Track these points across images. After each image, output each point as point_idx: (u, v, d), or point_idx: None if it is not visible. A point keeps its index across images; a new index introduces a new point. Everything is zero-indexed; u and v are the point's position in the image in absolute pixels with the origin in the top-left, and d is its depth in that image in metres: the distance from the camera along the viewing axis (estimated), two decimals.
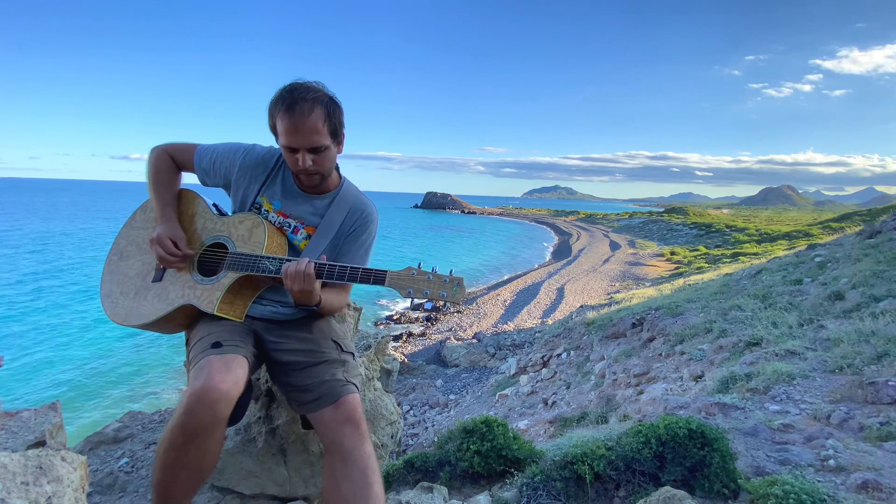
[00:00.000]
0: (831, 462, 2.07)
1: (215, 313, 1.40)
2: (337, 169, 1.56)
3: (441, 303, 1.33)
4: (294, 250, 1.53)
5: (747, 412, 2.79)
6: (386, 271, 1.31)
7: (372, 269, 1.32)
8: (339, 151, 1.48)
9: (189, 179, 1.65)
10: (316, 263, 1.35)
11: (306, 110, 1.32)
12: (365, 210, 1.57)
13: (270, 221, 1.51)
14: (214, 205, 1.61)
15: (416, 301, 1.30)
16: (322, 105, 1.35)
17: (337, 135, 1.42)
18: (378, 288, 1.33)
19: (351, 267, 1.33)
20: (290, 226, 1.53)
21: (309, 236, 1.53)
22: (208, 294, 1.42)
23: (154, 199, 1.54)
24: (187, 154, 1.56)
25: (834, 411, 2.67)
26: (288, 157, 1.41)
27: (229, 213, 1.59)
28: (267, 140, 1.54)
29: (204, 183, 1.59)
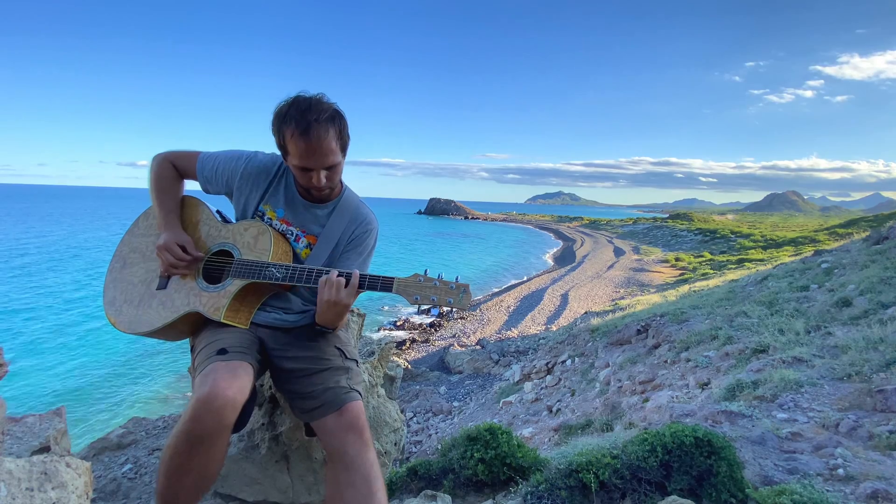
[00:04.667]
0: (840, 471, 2.04)
1: (222, 321, 1.40)
2: None
3: (447, 309, 1.33)
4: (297, 259, 1.53)
5: (754, 420, 2.76)
6: (393, 278, 1.32)
7: (379, 276, 1.33)
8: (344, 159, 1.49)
9: (190, 187, 1.66)
10: (322, 270, 1.35)
11: (322, 134, 1.31)
12: (365, 220, 1.57)
13: (275, 228, 1.52)
14: (218, 212, 1.61)
15: (423, 307, 1.32)
16: (333, 124, 1.35)
17: (345, 148, 1.43)
18: (382, 294, 1.33)
19: (360, 274, 1.34)
20: (291, 234, 1.53)
21: (310, 245, 1.54)
22: (214, 301, 1.43)
23: (157, 207, 1.54)
24: (189, 162, 1.57)
25: (842, 419, 2.64)
26: (300, 176, 1.40)
27: (233, 221, 1.59)
28: (270, 145, 1.54)
29: (206, 190, 1.59)
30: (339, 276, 1.32)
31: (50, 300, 21.83)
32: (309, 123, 1.30)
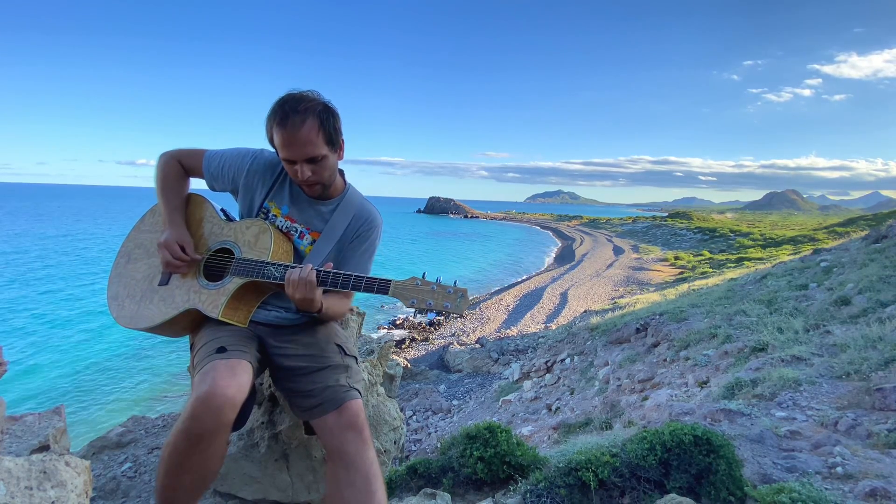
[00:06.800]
0: (839, 469, 2.04)
1: (219, 318, 1.40)
2: (342, 174, 1.57)
3: (445, 314, 1.32)
4: (299, 256, 1.54)
5: (753, 419, 2.76)
6: (390, 280, 1.30)
7: (376, 278, 1.31)
8: (340, 158, 1.48)
9: (196, 185, 1.66)
10: (320, 271, 1.34)
11: (298, 122, 1.32)
12: (369, 217, 1.57)
13: (278, 227, 1.52)
14: (222, 210, 1.62)
15: (420, 311, 1.30)
16: (314, 115, 1.34)
17: (334, 142, 1.41)
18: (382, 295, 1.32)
19: (355, 276, 1.32)
20: (296, 230, 1.54)
21: (313, 241, 1.54)
22: (213, 299, 1.43)
23: (162, 204, 1.55)
24: (195, 159, 1.58)
25: (841, 418, 2.64)
26: (288, 169, 1.41)
27: (237, 219, 1.59)
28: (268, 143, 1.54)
29: (212, 188, 1.60)
30: (300, 273, 1.35)
31: (50, 298, 21.80)
32: (287, 113, 1.32)
